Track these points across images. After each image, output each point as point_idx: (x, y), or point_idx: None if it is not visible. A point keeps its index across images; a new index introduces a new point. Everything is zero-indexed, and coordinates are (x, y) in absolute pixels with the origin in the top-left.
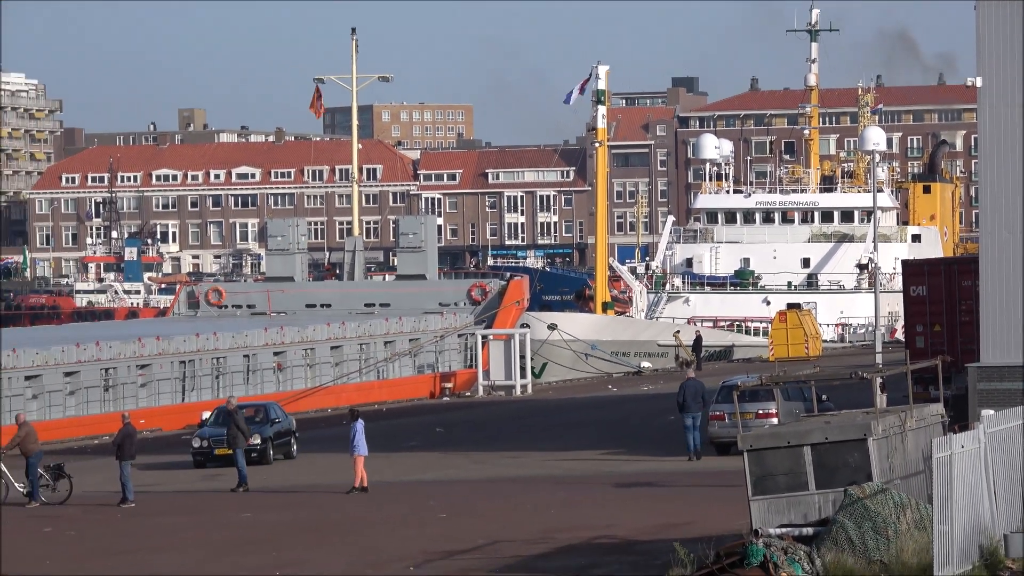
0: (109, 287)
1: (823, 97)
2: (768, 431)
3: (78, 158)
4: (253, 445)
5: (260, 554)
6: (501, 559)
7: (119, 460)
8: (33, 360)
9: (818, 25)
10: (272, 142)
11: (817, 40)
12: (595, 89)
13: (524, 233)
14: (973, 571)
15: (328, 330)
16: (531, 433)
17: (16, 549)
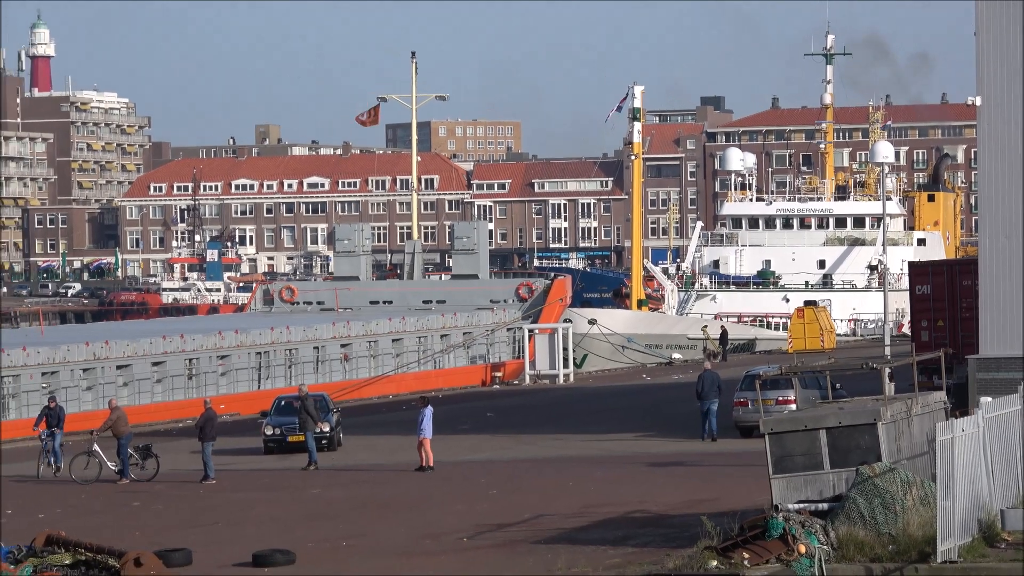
0: (192, 286)
1: (837, 114)
2: (787, 416)
3: (165, 169)
4: (324, 432)
5: (328, 526)
6: (545, 531)
7: (201, 441)
8: (124, 351)
9: (833, 49)
10: (340, 155)
11: (832, 63)
12: (631, 107)
13: (567, 237)
14: (973, 543)
15: (390, 324)
16: (572, 417)
17: (108, 522)
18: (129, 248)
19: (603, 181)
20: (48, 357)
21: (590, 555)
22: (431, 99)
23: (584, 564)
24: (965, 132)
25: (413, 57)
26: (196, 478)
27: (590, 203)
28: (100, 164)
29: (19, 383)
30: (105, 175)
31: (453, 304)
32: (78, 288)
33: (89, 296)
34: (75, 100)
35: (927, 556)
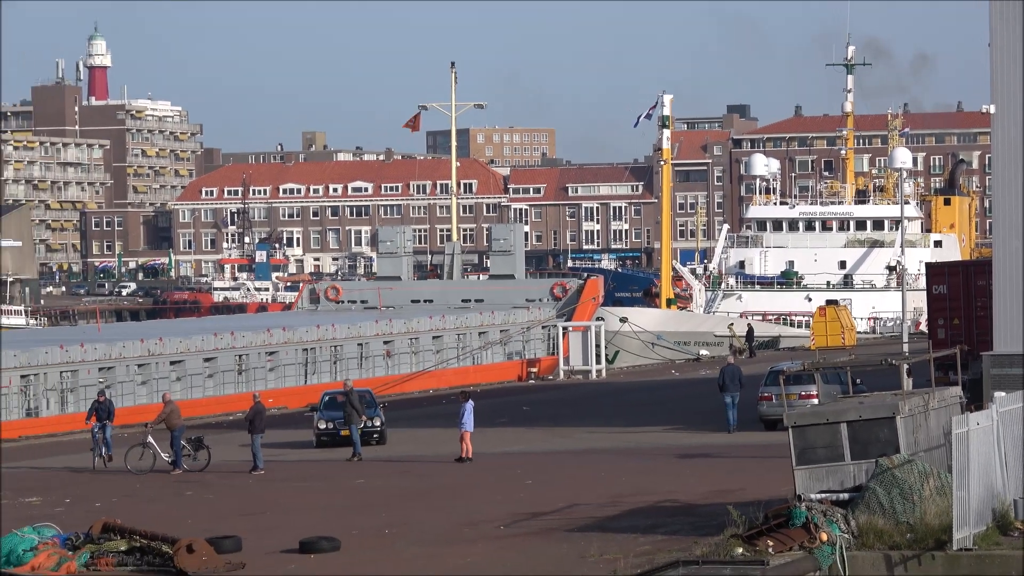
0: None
1: (857, 122)
2: (810, 410)
3: (216, 174)
4: (375, 426)
5: (372, 514)
6: (578, 520)
7: (251, 433)
8: (177, 348)
9: (853, 60)
10: (383, 160)
11: (852, 73)
12: (661, 115)
13: (599, 239)
14: (987, 531)
15: (430, 322)
16: (605, 411)
17: (162, 510)
18: (182, 249)
19: (634, 185)
20: (105, 353)
21: (621, 542)
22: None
23: (616, 551)
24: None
25: (452, 67)
26: (246, 469)
27: (621, 206)
28: (154, 169)
29: (77, 378)
30: (159, 180)
31: (491, 303)
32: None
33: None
34: (130, 108)
35: (943, 544)
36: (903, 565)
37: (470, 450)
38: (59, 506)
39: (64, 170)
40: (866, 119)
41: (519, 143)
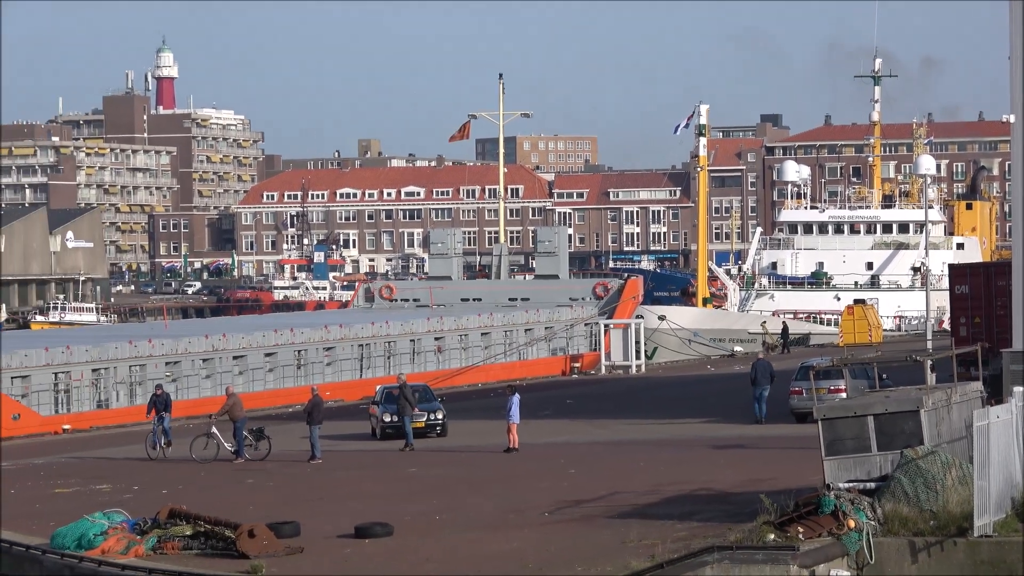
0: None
1: (884, 130)
2: (838, 404)
3: (276, 179)
4: (439, 420)
5: (424, 501)
6: (619, 507)
7: (309, 425)
8: (239, 343)
9: (880, 72)
10: (434, 167)
11: (879, 84)
12: (697, 124)
13: (639, 241)
14: (1006, 519)
15: (479, 319)
16: (643, 404)
17: (225, 497)
18: (244, 250)
19: (672, 190)
20: (171, 348)
21: (659, 529)
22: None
23: (654, 537)
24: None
25: (500, 79)
26: (304, 458)
27: (660, 210)
28: (218, 175)
29: (145, 372)
30: (223, 184)
31: (536, 301)
32: (198, 286)
33: (208, 294)
34: (196, 117)
35: (965, 531)
36: (926, 551)
37: (516, 441)
38: (128, 493)
39: (133, 175)
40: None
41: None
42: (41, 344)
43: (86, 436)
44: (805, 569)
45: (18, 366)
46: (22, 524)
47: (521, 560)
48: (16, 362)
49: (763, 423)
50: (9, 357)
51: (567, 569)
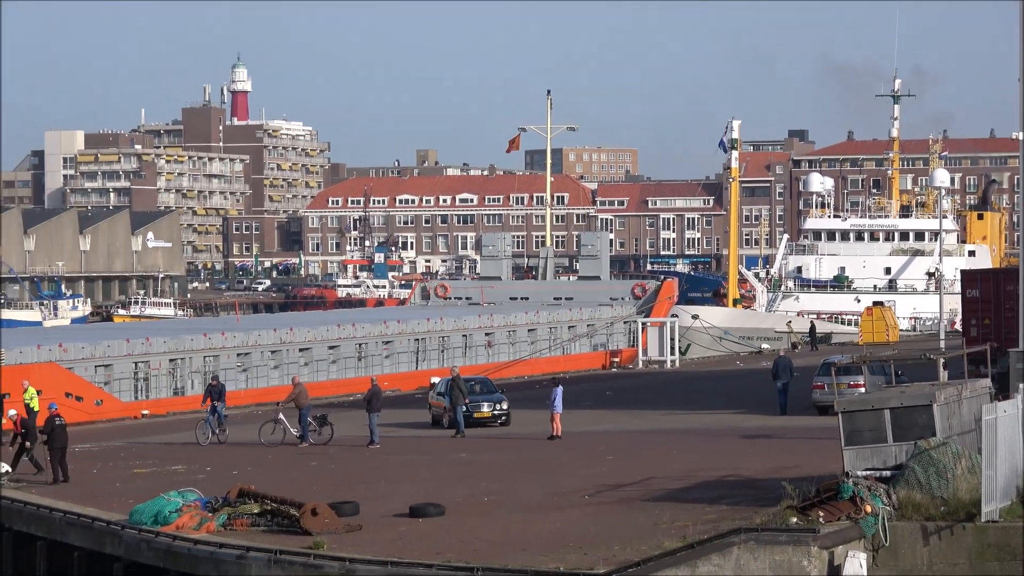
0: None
1: (902, 146)
2: (857, 398)
3: (341, 186)
4: (503, 410)
5: (473, 484)
6: (653, 491)
7: (368, 412)
8: (305, 336)
9: (899, 91)
10: (486, 175)
11: (899, 103)
12: (729, 138)
13: (674, 246)
14: (1011, 506)
15: (526, 317)
16: (677, 396)
17: (290, 478)
18: (310, 251)
19: (705, 199)
20: (243, 341)
21: (691, 511)
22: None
23: (685, 519)
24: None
25: (548, 95)
26: (364, 443)
27: (694, 218)
28: (287, 181)
29: (218, 362)
30: (291, 190)
31: (579, 300)
32: (267, 284)
33: (276, 291)
34: (267, 128)
35: (973, 516)
36: (937, 535)
37: (559, 429)
38: (201, 474)
39: (209, 181)
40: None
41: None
42: (123, 336)
43: (163, 421)
44: (825, 550)
45: (101, 356)
46: (103, 502)
47: (563, 539)
48: (99, 352)
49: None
50: (93, 347)
51: (605, 548)
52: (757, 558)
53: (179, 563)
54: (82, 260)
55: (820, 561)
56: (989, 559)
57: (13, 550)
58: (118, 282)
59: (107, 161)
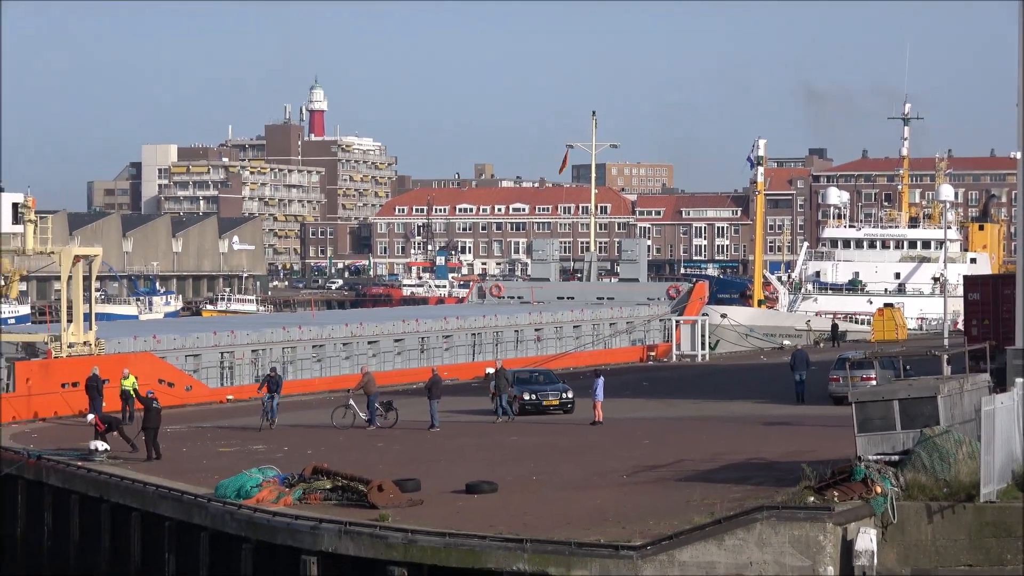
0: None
1: (911, 163)
2: (869, 390)
3: (406, 196)
4: (569, 399)
5: (522, 465)
6: (685, 472)
7: (429, 399)
8: (373, 330)
9: (909, 114)
10: (537, 187)
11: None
12: (756, 155)
13: (705, 252)
14: (1007, 488)
15: (571, 314)
16: (707, 387)
17: (359, 458)
18: (378, 254)
19: (734, 210)
20: (317, 334)
21: (718, 491)
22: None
23: (713, 497)
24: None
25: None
26: (425, 427)
27: (724, 227)
28: (358, 191)
29: (295, 353)
30: (362, 199)
31: (619, 300)
32: (340, 283)
33: (348, 289)
34: (341, 143)
35: (973, 497)
36: (940, 513)
37: (601, 416)
38: (279, 453)
39: (288, 191)
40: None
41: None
42: (210, 329)
43: (246, 405)
44: (839, 526)
45: (191, 346)
46: (192, 477)
47: (603, 514)
48: (189, 343)
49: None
50: (184, 339)
51: (641, 522)
52: (778, 533)
53: (259, 533)
54: (174, 261)
55: (834, 536)
56: (987, 536)
57: (112, 520)
58: (206, 280)
59: (198, 172)
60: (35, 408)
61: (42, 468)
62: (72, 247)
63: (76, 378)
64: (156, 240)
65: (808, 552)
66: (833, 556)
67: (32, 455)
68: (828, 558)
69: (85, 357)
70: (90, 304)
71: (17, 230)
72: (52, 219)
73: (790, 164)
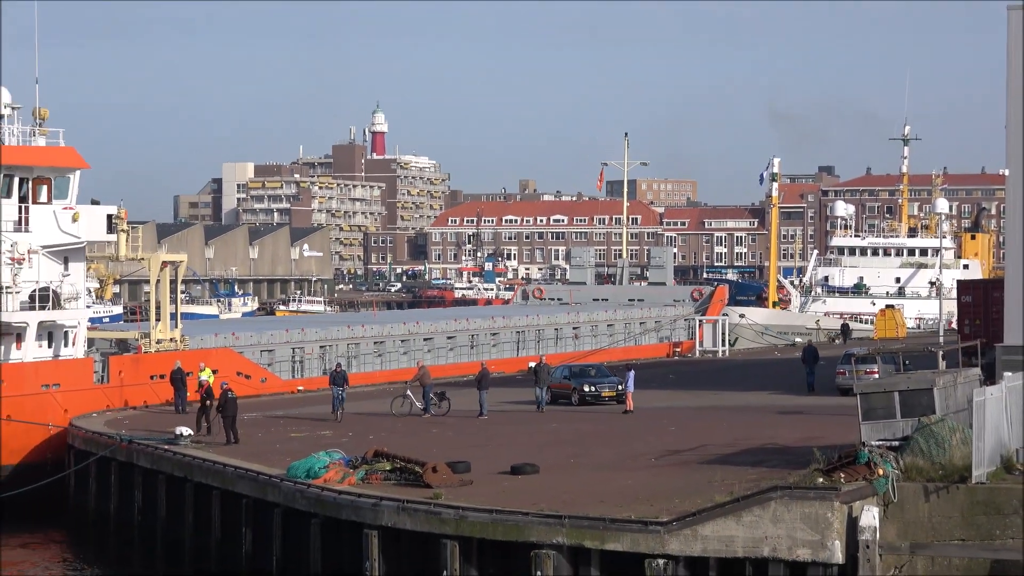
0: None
1: (910, 179)
2: (872, 382)
3: (458, 208)
4: (623, 391)
5: (561, 449)
6: (707, 455)
7: (479, 389)
8: (429, 328)
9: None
10: (575, 201)
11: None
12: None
13: (726, 259)
14: (996, 471)
15: (605, 314)
16: (727, 379)
17: (415, 443)
18: (433, 260)
19: (751, 221)
20: (378, 332)
21: (737, 472)
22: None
23: (732, 478)
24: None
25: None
26: (474, 415)
27: (742, 236)
28: (415, 204)
29: (359, 348)
30: (419, 211)
31: (648, 302)
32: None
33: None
34: (400, 161)
35: (965, 479)
36: (936, 493)
37: (632, 405)
38: (344, 438)
39: (353, 204)
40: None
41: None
42: (283, 327)
43: (314, 395)
44: (845, 505)
45: (266, 342)
46: (267, 459)
47: (634, 493)
48: (264, 340)
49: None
50: (259, 336)
51: (667, 500)
52: (790, 510)
53: (326, 509)
54: (251, 266)
55: (841, 514)
56: (978, 514)
57: (195, 498)
58: (279, 284)
59: (272, 187)
60: (126, 397)
61: (133, 451)
62: (160, 254)
63: (163, 371)
64: (235, 248)
65: (817, 528)
66: (839, 531)
67: (124, 439)
68: (835, 533)
69: (171, 352)
70: (176, 305)
71: (111, 239)
72: (142, 229)
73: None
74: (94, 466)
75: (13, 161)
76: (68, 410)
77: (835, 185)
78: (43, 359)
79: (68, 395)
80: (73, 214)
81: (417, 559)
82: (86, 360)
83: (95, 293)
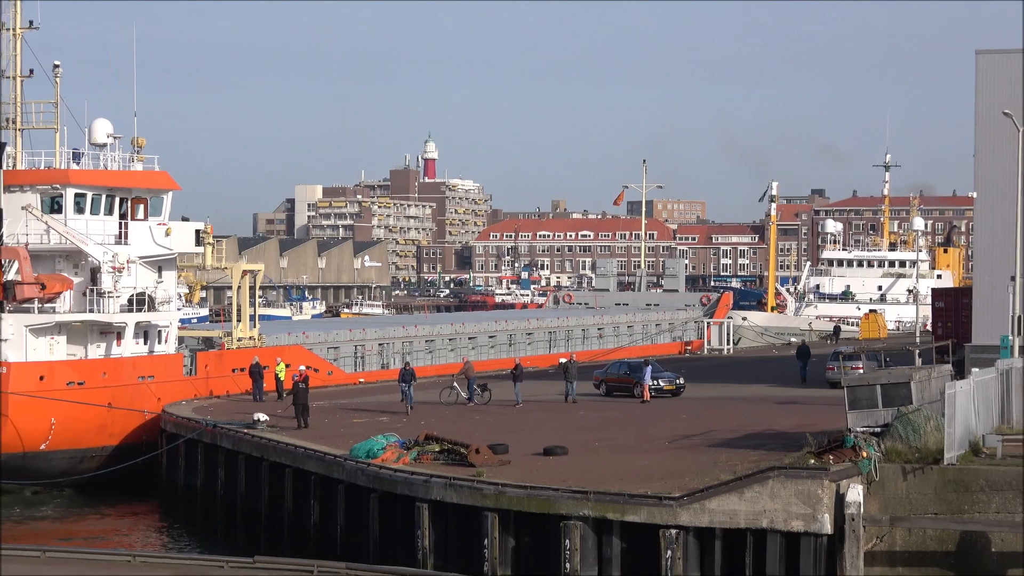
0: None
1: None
2: (858, 376)
3: (499, 224)
4: (681, 385)
5: (586, 434)
6: (714, 440)
7: (514, 382)
8: (473, 328)
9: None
10: (599, 218)
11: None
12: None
13: (730, 269)
14: (965, 454)
15: (626, 317)
16: (732, 373)
17: (461, 428)
18: (476, 269)
19: (752, 236)
20: (429, 331)
21: (740, 455)
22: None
23: (736, 460)
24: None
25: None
26: (511, 404)
27: (745, 249)
28: (461, 221)
29: (412, 346)
30: (464, 227)
31: (663, 306)
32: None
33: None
34: (448, 184)
35: (938, 460)
36: (912, 473)
37: (648, 395)
38: (399, 423)
39: (407, 221)
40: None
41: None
42: (346, 327)
43: (374, 386)
44: (833, 483)
45: (331, 340)
46: (332, 442)
47: (650, 472)
48: (330, 338)
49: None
50: (326, 334)
51: (679, 479)
52: (786, 487)
53: (383, 485)
54: (320, 275)
55: (830, 490)
56: (949, 491)
57: (270, 475)
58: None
59: (338, 206)
60: (211, 388)
61: (217, 434)
62: (241, 264)
63: (243, 364)
64: (305, 259)
65: (809, 503)
66: (829, 506)
67: (209, 424)
68: (825, 507)
69: (250, 349)
70: (254, 307)
71: (199, 251)
72: (226, 242)
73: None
74: (183, 447)
75: (114, 183)
76: (161, 399)
77: (825, 205)
78: (140, 354)
79: (161, 386)
80: (166, 229)
81: (462, 529)
82: (176, 355)
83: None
